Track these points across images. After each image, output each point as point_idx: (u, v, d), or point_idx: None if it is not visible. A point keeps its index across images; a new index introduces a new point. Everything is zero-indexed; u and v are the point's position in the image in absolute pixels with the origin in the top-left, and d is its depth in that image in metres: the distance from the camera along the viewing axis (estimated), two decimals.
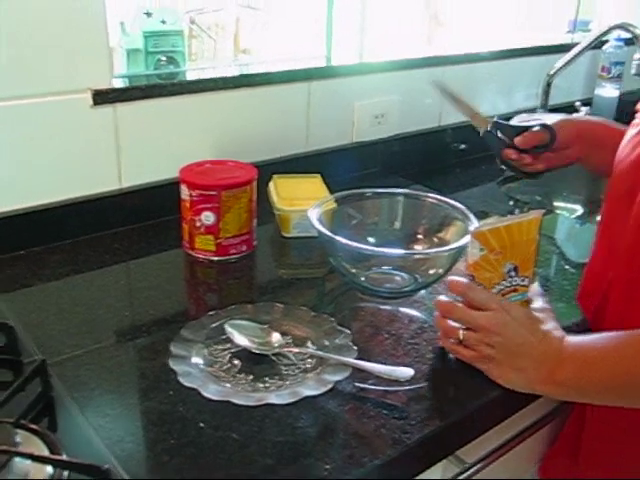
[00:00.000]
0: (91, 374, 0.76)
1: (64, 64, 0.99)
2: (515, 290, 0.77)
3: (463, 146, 1.60)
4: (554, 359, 0.72)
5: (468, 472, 0.78)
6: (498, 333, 0.73)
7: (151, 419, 0.69)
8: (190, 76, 1.20)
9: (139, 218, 1.11)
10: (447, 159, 1.57)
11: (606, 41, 1.74)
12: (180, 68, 1.22)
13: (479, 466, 0.79)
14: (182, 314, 0.91)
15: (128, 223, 1.10)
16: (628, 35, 1.68)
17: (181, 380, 0.72)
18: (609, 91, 1.73)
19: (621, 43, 1.74)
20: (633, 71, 1.47)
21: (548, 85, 1.55)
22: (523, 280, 0.77)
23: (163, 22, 1.18)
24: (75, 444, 0.65)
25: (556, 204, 1.57)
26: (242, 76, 1.20)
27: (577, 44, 1.58)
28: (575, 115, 1.16)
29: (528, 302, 0.79)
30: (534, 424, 0.88)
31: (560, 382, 0.72)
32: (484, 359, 0.75)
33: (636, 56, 1.46)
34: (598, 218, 0.94)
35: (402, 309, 0.92)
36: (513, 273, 0.76)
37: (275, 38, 1.49)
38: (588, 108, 1.62)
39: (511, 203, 1.45)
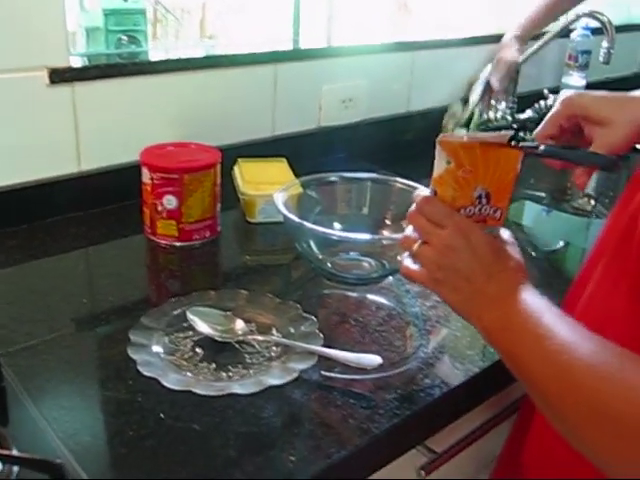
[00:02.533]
0: (46, 364, 0.72)
1: (19, 40, 0.95)
2: (484, 221, 0.66)
3: (430, 132, 1.59)
4: (489, 301, 0.62)
5: (437, 461, 0.77)
6: (448, 256, 0.63)
7: (109, 410, 0.67)
8: (152, 56, 1.16)
9: (99, 202, 1.07)
10: (415, 145, 1.55)
11: (573, 30, 1.74)
12: (142, 48, 1.17)
13: (448, 455, 0.78)
14: (143, 301, 0.88)
15: (87, 207, 1.06)
16: (595, 24, 1.68)
17: (140, 369, 0.69)
18: (576, 79, 1.73)
19: (588, 32, 1.74)
20: (601, 59, 1.47)
21: (517, 72, 1.54)
22: (495, 211, 0.66)
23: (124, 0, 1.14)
24: (27, 439, 0.61)
25: (524, 192, 1.56)
26: (207, 57, 1.17)
27: (546, 32, 1.57)
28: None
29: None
30: (503, 411, 0.87)
31: (483, 327, 0.63)
32: (432, 281, 0.65)
33: (604, 44, 1.45)
34: None
35: (369, 296, 0.90)
36: (484, 200, 0.65)
37: (243, 23, 1.45)
38: (556, 96, 1.62)
39: None
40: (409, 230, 0.68)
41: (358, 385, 0.71)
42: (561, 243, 1.19)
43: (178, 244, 0.98)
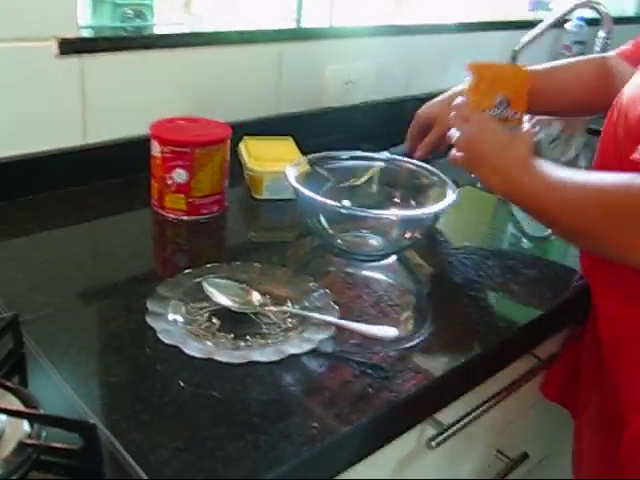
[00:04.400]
0: (64, 333, 0.73)
1: (29, 9, 0.94)
2: (506, 120, 0.90)
3: None
4: (507, 169, 0.82)
5: (445, 433, 0.78)
6: (471, 141, 0.86)
7: (129, 378, 0.67)
8: (159, 31, 1.15)
9: (105, 175, 1.07)
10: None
11: (568, 20, 1.76)
12: (148, 22, 1.17)
13: (456, 427, 0.79)
14: (154, 273, 0.88)
15: (94, 180, 1.06)
16: (590, 15, 1.70)
17: (161, 337, 0.69)
18: None
19: (582, 22, 1.76)
20: (597, 49, 1.49)
21: (513, 60, 1.56)
22: (515, 114, 0.90)
23: None
24: (51, 403, 0.61)
25: None
26: (215, 33, 1.17)
27: (541, 21, 1.58)
28: None
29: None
30: (509, 386, 0.89)
31: (504, 191, 0.84)
32: (465, 162, 0.88)
33: (601, 34, 1.47)
34: None
35: (379, 273, 0.91)
36: (504, 104, 0.89)
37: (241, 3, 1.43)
38: None
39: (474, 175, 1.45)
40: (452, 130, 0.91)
41: (374, 356, 0.73)
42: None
43: (186, 218, 0.98)
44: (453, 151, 0.90)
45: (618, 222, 0.73)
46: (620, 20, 1.94)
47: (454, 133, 0.90)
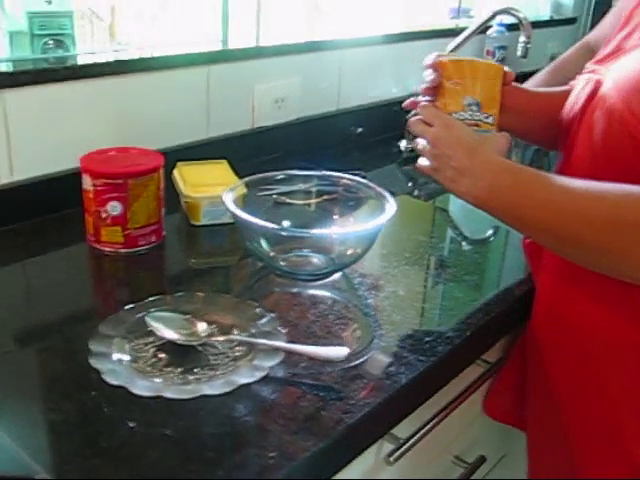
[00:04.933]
0: (3, 380, 0.70)
1: None
2: (477, 125, 0.82)
3: (360, 129, 1.62)
4: (476, 173, 0.76)
5: (403, 447, 0.78)
6: (436, 146, 0.80)
7: (76, 423, 0.64)
8: (82, 60, 1.12)
9: (35, 213, 1.03)
10: (345, 142, 1.57)
11: (490, 27, 1.80)
12: (69, 52, 1.14)
13: (413, 441, 0.80)
14: (95, 311, 0.85)
15: (23, 219, 1.02)
16: (510, 20, 1.75)
17: (106, 378, 0.67)
18: None
19: (503, 28, 1.82)
20: (519, 53, 1.53)
21: None
22: (487, 117, 0.82)
23: (49, 2, 1.10)
24: None
25: None
26: (139, 60, 1.14)
27: (464, 29, 1.62)
28: None
29: None
30: (460, 394, 0.90)
31: (478, 200, 0.77)
32: (432, 170, 0.81)
33: (521, 39, 1.52)
34: None
35: (323, 291, 0.91)
36: (475, 108, 0.82)
37: (155, 28, 1.42)
38: None
39: (410, 184, 1.47)
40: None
41: (325, 378, 0.72)
42: (490, 231, 1.23)
43: (124, 251, 0.96)
44: (420, 160, 0.84)
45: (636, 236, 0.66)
46: (537, 24, 2.01)
47: (418, 140, 0.84)
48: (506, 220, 0.77)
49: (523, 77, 1.91)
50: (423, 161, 0.83)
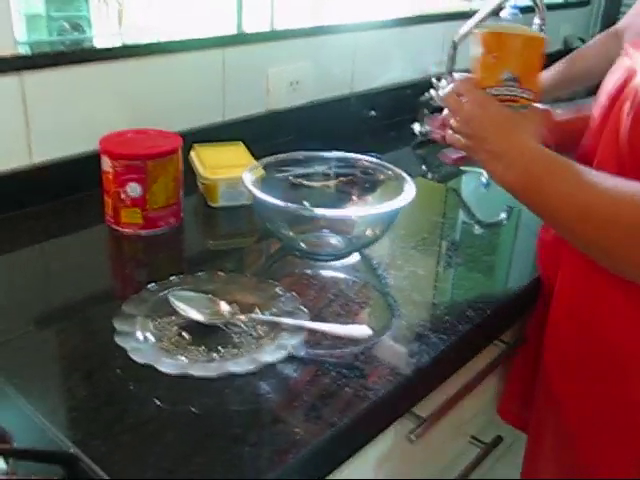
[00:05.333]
0: (29, 360, 0.70)
1: None
2: (514, 100, 0.80)
3: (373, 113, 1.61)
4: (509, 159, 0.73)
5: (424, 425, 0.79)
6: (470, 126, 0.77)
7: (103, 400, 0.65)
8: (98, 43, 1.13)
9: (55, 195, 1.04)
10: (358, 126, 1.57)
11: (503, 8, 1.79)
12: (85, 34, 1.14)
13: (434, 418, 0.80)
14: (116, 291, 0.86)
15: (43, 201, 1.03)
16: (524, 3, 1.74)
17: (133, 356, 0.68)
18: None
19: (517, 10, 1.80)
20: None
21: (454, 50, 1.58)
22: (525, 92, 0.80)
23: None
24: (23, 434, 0.60)
25: (463, 167, 1.60)
26: (155, 43, 1.14)
27: (477, 11, 1.61)
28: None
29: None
30: (484, 370, 0.90)
31: (509, 185, 0.75)
32: (465, 147, 0.79)
33: (536, 21, 1.50)
34: None
35: (342, 272, 0.92)
36: (512, 83, 0.79)
37: (177, 11, 1.41)
38: None
39: (423, 167, 1.47)
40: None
41: (348, 356, 0.73)
42: (503, 215, 1.23)
43: (143, 232, 0.96)
44: (449, 132, 0.82)
45: None
46: (551, 6, 2.00)
47: (448, 114, 0.81)
48: (535, 211, 0.75)
49: None
50: (454, 135, 0.81)
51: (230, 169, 1.04)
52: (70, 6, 1.11)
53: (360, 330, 0.73)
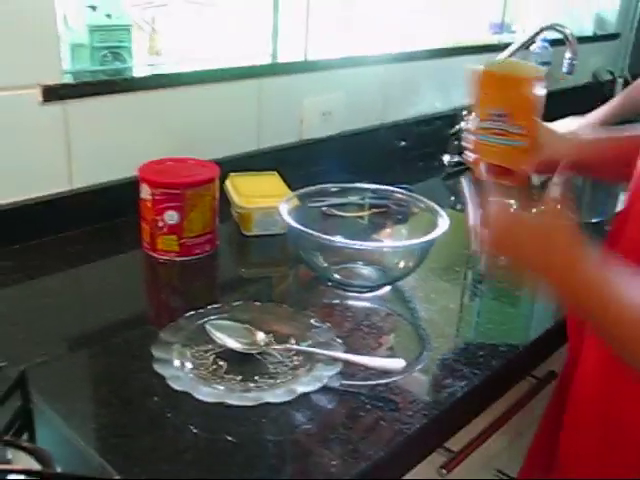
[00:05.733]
0: (68, 383, 0.72)
1: (12, 57, 0.93)
2: (504, 134, 0.82)
3: (403, 143, 1.63)
4: (557, 273, 0.69)
5: (456, 459, 0.79)
6: (503, 247, 0.74)
7: (142, 427, 0.66)
8: (138, 72, 1.15)
9: (92, 220, 1.06)
10: (389, 156, 1.59)
11: (534, 42, 1.80)
12: (126, 64, 1.17)
13: (465, 452, 0.80)
14: (153, 317, 0.88)
15: (80, 226, 1.05)
16: (554, 36, 1.75)
17: (171, 384, 0.69)
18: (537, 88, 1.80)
19: (547, 44, 1.81)
20: (564, 69, 1.54)
21: None
22: (514, 127, 0.82)
23: (108, 16, 1.13)
24: (63, 458, 0.60)
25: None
26: (194, 73, 1.17)
27: (507, 44, 1.63)
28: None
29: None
30: (510, 409, 0.90)
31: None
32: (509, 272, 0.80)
33: (567, 55, 1.52)
34: None
35: (376, 303, 0.92)
36: (502, 118, 0.82)
37: (212, 36, 1.44)
38: None
39: (453, 198, 1.48)
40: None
41: (382, 389, 0.73)
42: None
43: (179, 259, 0.98)
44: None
45: None
46: (580, 39, 2.00)
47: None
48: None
49: (565, 93, 1.91)
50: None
51: (264, 198, 1.05)
52: (113, 37, 1.14)
53: (394, 363, 0.74)
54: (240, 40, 1.38)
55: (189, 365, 0.73)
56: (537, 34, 1.54)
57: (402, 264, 0.93)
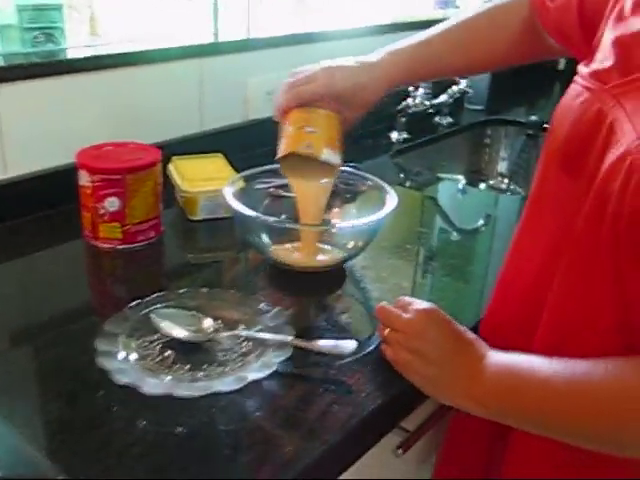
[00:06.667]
0: (8, 379, 0.69)
1: None
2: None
3: None
4: (472, 373, 0.65)
5: (411, 439, 0.79)
6: (417, 337, 0.68)
7: (88, 423, 0.64)
8: (73, 54, 1.11)
9: (32, 209, 1.02)
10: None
11: None
12: (59, 46, 1.12)
13: (421, 432, 0.80)
14: (97, 308, 0.85)
15: (18, 215, 1.01)
16: None
17: (116, 378, 0.66)
18: None
19: None
20: None
21: None
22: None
23: None
24: (6, 459, 0.58)
25: (441, 175, 1.61)
26: (131, 53, 1.13)
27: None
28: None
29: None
30: None
31: (478, 400, 0.65)
32: (404, 364, 0.68)
33: None
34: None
35: (325, 284, 0.91)
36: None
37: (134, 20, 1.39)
38: (467, 80, 1.68)
39: (401, 175, 1.47)
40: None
41: (335, 372, 0.72)
42: (481, 221, 1.23)
43: (122, 247, 0.95)
44: (382, 346, 0.72)
45: None
46: None
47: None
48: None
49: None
50: (389, 351, 0.70)
51: (209, 181, 1.03)
52: (44, 17, 1.09)
53: (345, 345, 0.72)
54: (181, 19, 1.34)
55: (135, 356, 0.71)
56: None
57: (352, 244, 0.92)
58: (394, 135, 1.58)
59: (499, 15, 0.88)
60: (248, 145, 1.31)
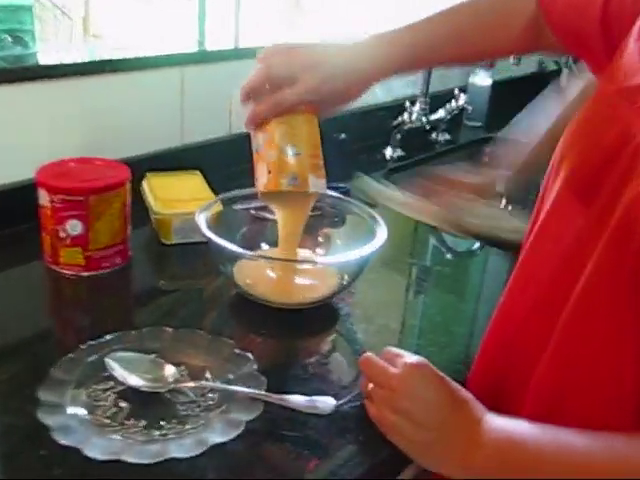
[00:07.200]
0: None
1: None
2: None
3: (343, 136, 1.53)
4: (469, 440, 0.57)
5: None
6: (405, 396, 0.59)
7: None
8: (44, 60, 1.02)
9: None
10: (328, 149, 1.48)
11: None
12: (29, 50, 1.04)
13: None
14: (50, 346, 0.76)
15: None
16: None
17: (56, 437, 0.58)
18: (482, 79, 1.72)
19: None
20: (512, 60, 1.47)
21: (428, 73, 1.51)
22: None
23: None
24: None
25: None
26: (106, 61, 1.05)
27: None
28: None
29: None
30: None
31: (476, 471, 0.56)
32: (389, 426, 0.59)
33: None
34: None
35: (306, 323, 0.82)
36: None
37: (140, 22, 1.32)
38: (466, 95, 1.60)
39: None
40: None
41: (311, 432, 0.64)
42: (477, 244, 1.15)
43: (85, 274, 0.86)
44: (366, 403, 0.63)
45: None
46: None
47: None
48: None
49: (511, 83, 1.85)
50: (373, 409, 0.61)
51: (185, 203, 0.95)
52: (11, 18, 1.01)
53: (324, 403, 0.64)
54: (166, 27, 1.26)
55: (83, 412, 0.62)
56: None
57: (337, 279, 0.84)
58: (388, 152, 1.50)
59: (502, 9, 0.80)
60: (231, 160, 1.23)
